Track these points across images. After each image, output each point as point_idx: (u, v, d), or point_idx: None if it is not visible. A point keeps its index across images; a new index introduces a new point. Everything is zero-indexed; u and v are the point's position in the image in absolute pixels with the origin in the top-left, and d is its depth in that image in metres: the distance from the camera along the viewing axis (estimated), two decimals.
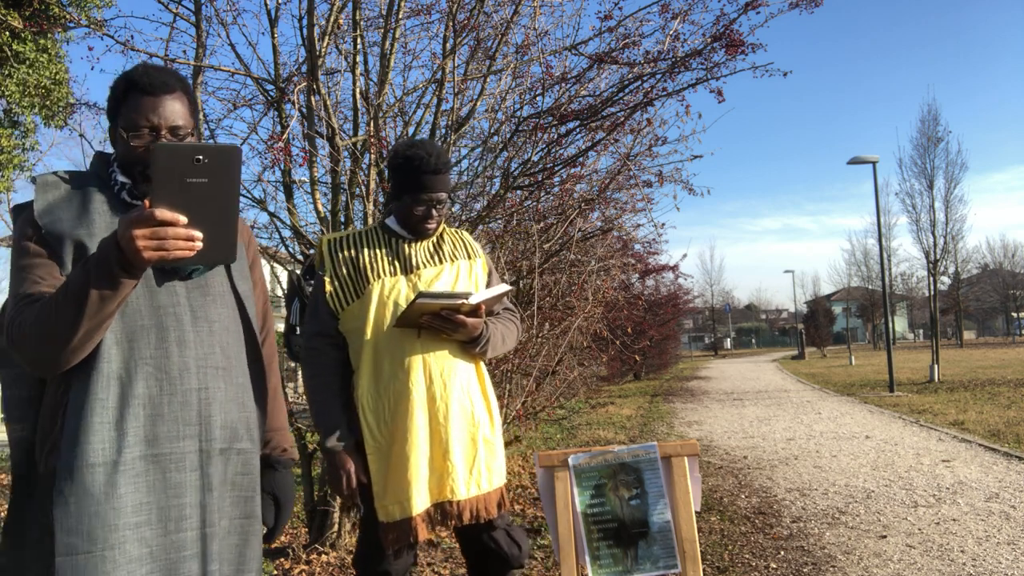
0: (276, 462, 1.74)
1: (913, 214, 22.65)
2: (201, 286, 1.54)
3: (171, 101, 1.51)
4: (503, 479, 2.32)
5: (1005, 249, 60.53)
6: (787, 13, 4.45)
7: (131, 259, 1.24)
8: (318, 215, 4.32)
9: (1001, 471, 6.25)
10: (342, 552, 4.06)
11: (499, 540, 2.32)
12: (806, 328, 43.00)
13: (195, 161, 1.23)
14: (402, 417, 2.17)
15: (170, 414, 1.43)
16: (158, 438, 1.42)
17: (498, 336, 2.36)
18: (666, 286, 18.62)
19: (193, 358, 1.47)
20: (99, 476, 1.36)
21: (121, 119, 1.51)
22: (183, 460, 1.44)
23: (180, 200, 1.23)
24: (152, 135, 1.49)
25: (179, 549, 1.42)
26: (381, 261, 2.30)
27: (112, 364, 1.40)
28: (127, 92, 1.51)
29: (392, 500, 2.16)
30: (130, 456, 1.39)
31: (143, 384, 1.42)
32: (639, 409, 13.17)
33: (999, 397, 12.43)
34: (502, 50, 4.78)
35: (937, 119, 23.49)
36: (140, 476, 1.40)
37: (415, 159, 2.24)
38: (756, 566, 4.02)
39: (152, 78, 1.50)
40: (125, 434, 1.39)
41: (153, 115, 1.49)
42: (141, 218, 1.22)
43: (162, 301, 1.47)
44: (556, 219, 5.48)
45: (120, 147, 1.53)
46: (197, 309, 1.51)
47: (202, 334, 1.50)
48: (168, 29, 4.43)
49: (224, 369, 1.53)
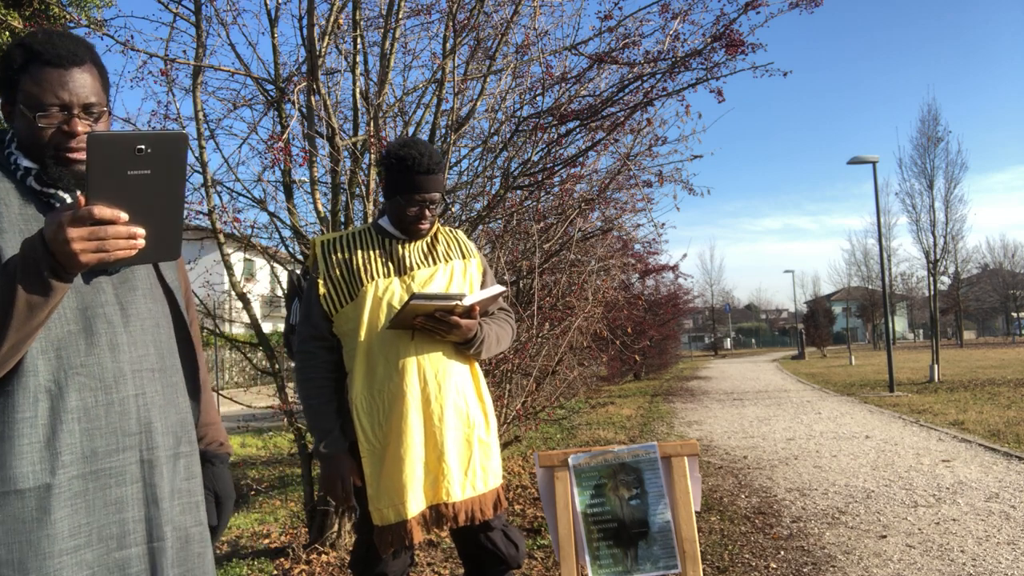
0: (214, 457, 1.64)
1: (913, 214, 22.66)
2: (127, 280, 1.40)
3: (81, 74, 1.33)
4: (499, 480, 2.31)
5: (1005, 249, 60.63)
6: (787, 13, 4.46)
7: (64, 262, 1.11)
8: (318, 215, 4.32)
9: (1001, 471, 6.25)
10: (342, 552, 4.06)
11: (496, 541, 2.32)
12: (806, 328, 42.98)
13: (136, 151, 1.11)
14: (396, 419, 2.16)
15: (107, 426, 1.30)
16: (96, 453, 1.29)
17: (492, 337, 2.35)
18: (666, 286, 18.63)
19: (128, 362, 1.34)
20: (30, 502, 1.23)
21: (21, 94, 1.31)
22: (123, 473, 1.32)
23: (120, 195, 1.12)
24: (63, 113, 1.32)
25: (123, 568, 1.31)
26: (375, 263, 2.28)
27: (39, 377, 1.25)
28: (28, 63, 1.31)
29: (386, 503, 2.15)
30: (65, 477, 1.25)
31: (76, 396, 1.27)
32: (639, 409, 13.17)
33: (999, 397, 12.43)
34: (502, 50, 4.78)
35: (937, 119, 23.52)
36: (78, 496, 1.27)
37: (408, 159, 2.22)
38: (756, 566, 4.02)
39: (58, 47, 1.31)
40: (59, 454, 1.25)
41: (62, 91, 1.31)
42: (76, 217, 1.09)
43: (89, 302, 1.32)
44: (556, 219, 5.48)
45: (21, 127, 1.33)
46: (127, 307, 1.38)
47: (135, 334, 1.37)
48: (168, 29, 4.43)
49: (160, 371, 1.41)
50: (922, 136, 23.37)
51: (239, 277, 4.45)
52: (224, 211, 4.33)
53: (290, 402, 4.29)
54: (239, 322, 5.37)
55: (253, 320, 4.44)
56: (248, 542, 4.71)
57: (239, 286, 4.36)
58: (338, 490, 2.18)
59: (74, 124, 1.33)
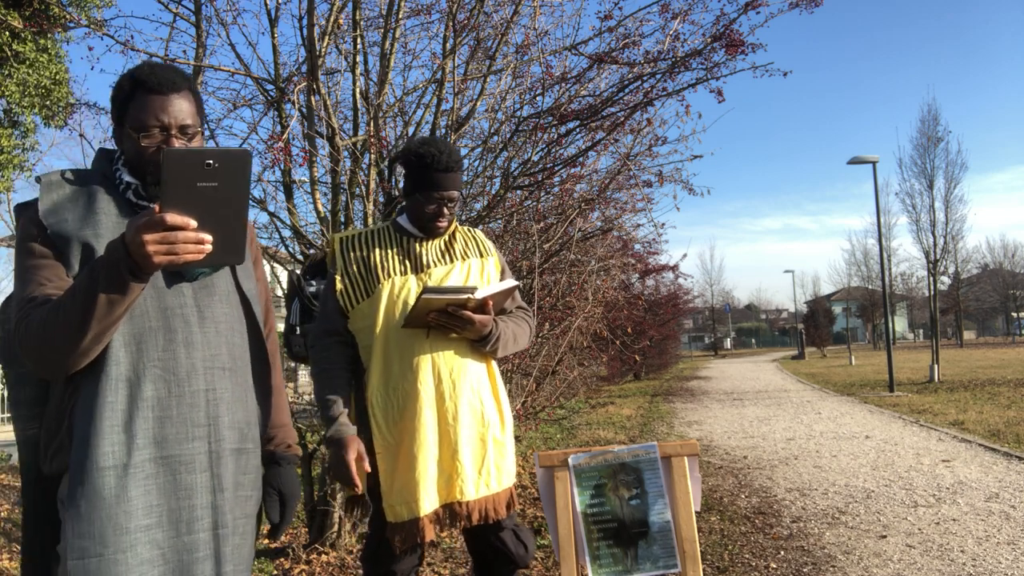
0: (281, 458, 1.73)
1: (913, 214, 22.65)
2: (207, 286, 1.54)
3: (179, 100, 1.50)
4: (512, 479, 2.30)
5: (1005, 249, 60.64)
6: (787, 13, 4.46)
7: (140, 263, 1.24)
8: (318, 215, 4.32)
9: (1001, 471, 6.25)
10: (342, 552, 4.06)
11: (506, 540, 2.32)
12: (806, 328, 42.98)
13: (205, 166, 1.23)
14: (411, 417, 2.16)
15: (179, 416, 1.43)
16: (167, 440, 1.42)
17: (509, 334, 2.34)
18: (666, 286, 18.63)
19: (200, 359, 1.47)
20: (110, 479, 1.35)
21: (128, 119, 1.49)
22: (193, 462, 1.44)
23: (190, 204, 1.24)
24: (163, 134, 1.48)
25: (192, 551, 1.42)
26: (392, 260, 2.29)
27: (120, 367, 1.39)
28: (134, 91, 1.49)
29: (399, 500, 2.16)
30: (140, 459, 1.38)
31: (151, 386, 1.41)
32: (639, 409, 13.17)
33: (999, 397, 12.43)
34: (502, 50, 4.78)
35: (937, 119, 23.50)
36: (150, 479, 1.39)
37: (427, 156, 2.24)
38: (756, 566, 4.02)
39: (159, 77, 1.49)
40: (134, 437, 1.38)
41: (163, 114, 1.47)
42: (151, 222, 1.22)
43: (169, 303, 1.47)
44: (556, 219, 5.48)
45: (128, 147, 1.51)
46: (204, 309, 1.51)
47: (209, 335, 1.50)
48: (168, 29, 4.44)
49: (230, 369, 1.53)
50: (922, 136, 23.39)
51: None
52: None
53: (290, 402, 4.29)
54: None
55: None
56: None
57: None
58: (342, 472, 2.15)
59: (171, 143, 1.48)
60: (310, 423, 4.31)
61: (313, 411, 4.38)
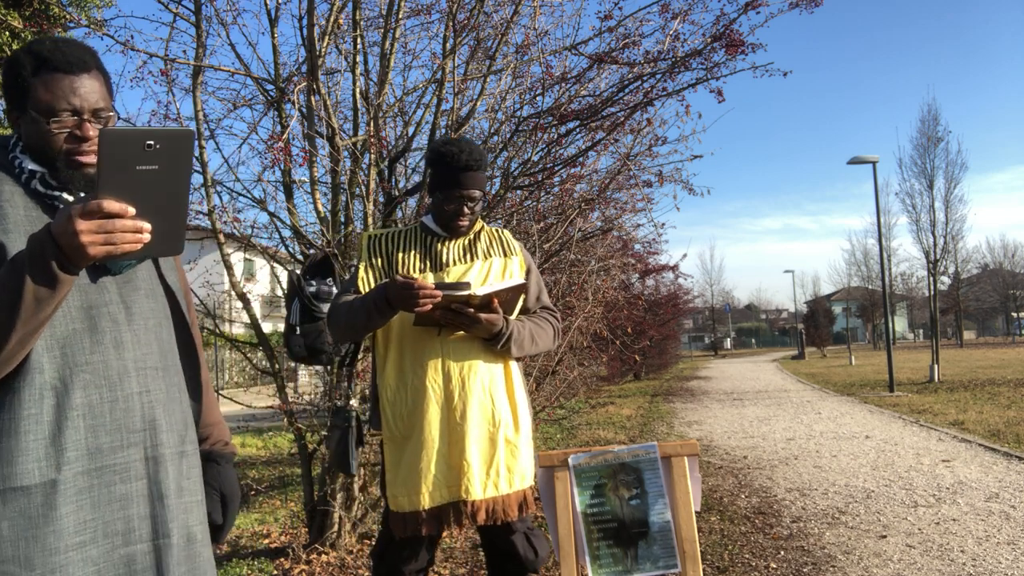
0: (219, 456, 1.64)
1: (913, 214, 22.66)
2: (130, 280, 1.43)
3: (90, 80, 1.37)
4: (528, 482, 2.29)
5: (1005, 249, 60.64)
6: (787, 13, 4.46)
7: (71, 255, 1.14)
8: (318, 215, 4.32)
9: (1001, 471, 6.25)
10: (342, 552, 4.06)
11: (516, 543, 2.32)
12: (806, 328, 42.97)
13: (145, 147, 1.14)
14: (419, 413, 2.19)
15: (113, 422, 1.32)
16: (101, 450, 1.31)
17: (525, 334, 2.33)
18: (666, 286, 18.62)
19: (132, 360, 1.37)
20: (36, 498, 1.24)
21: (32, 101, 1.35)
22: (128, 470, 1.34)
23: (128, 189, 1.14)
24: (74, 119, 1.36)
25: (129, 564, 1.33)
26: (413, 259, 2.33)
27: (44, 374, 1.27)
28: (37, 70, 1.34)
29: (402, 491, 2.18)
30: (70, 473, 1.27)
31: (81, 393, 1.29)
32: (639, 409, 13.17)
33: (999, 397, 12.43)
34: (502, 50, 4.77)
35: (937, 119, 23.52)
36: (83, 492, 1.29)
37: (448, 156, 2.26)
38: (756, 566, 4.02)
39: (67, 55, 1.35)
40: (64, 450, 1.27)
41: (73, 96, 1.35)
42: (86, 210, 1.12)
43: (94, 300, 1.35)
44: (556, 219, 5.48)
45: (30, 132, 1.37)
46: (131, 306, 1.40)
47: (138, 333, 1.40)
48: (168, 29, 4.43)
49: (163, 368, 1.44)
50: (922, 136, 23.41)
51: (239, 277, 4.45)
52: (224, 211, 4.33)
53: (290, 402, 4.29)
54: (239, 322, 5.36)
55: (253, 320, 4.44)
56: (248, 542, 4.71)
57: (239, 286, 4.36)
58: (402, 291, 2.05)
59: (86, 128, 1.36)
60: (310, 423, 4.31)
61: (313, 411, 4.38)
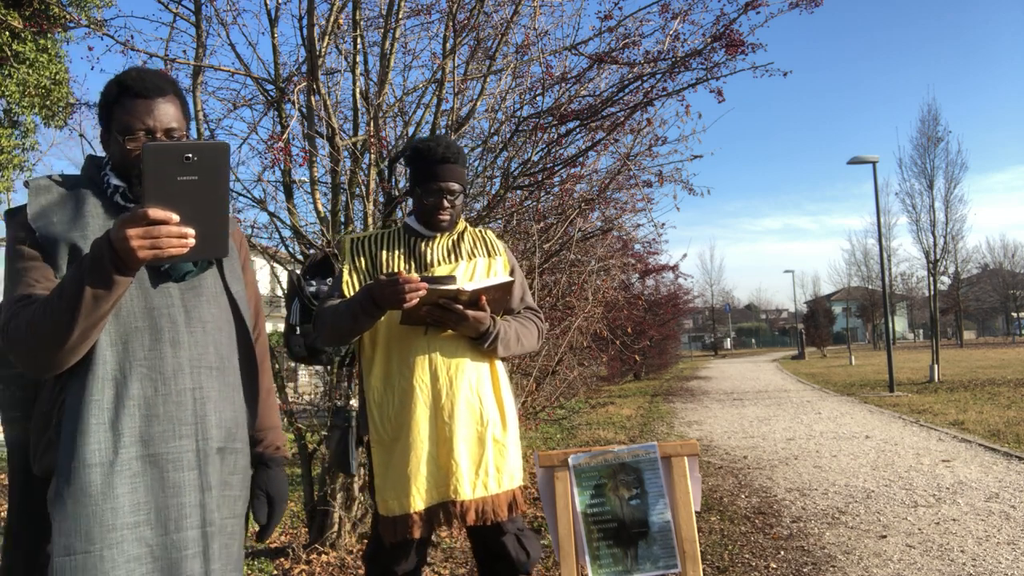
0: (270, 460, 1.74)
1: (913, 214, 22.64)
2: (195, 287, 1.55)
3: (164, 104, 1.52)
4: (517, 482, 2.28)
5: (1005, 249, 60.65)
6: (787, 13, 4.45)
7: (124, 258, 1.25)
8: (318, 215, 4.32)
9: (1001, 471, 6.25)
10: (342, 552, 4.06)
11: (507, 544, 2.30)
12: (806, 328, 42.96)
13: (185, 159, 1.24)
14: (407, 414, 2.18)
15: (165, 414, 1.44)
16: (153, 438, 1.43)
17: (512, 333, 2.33)
18: (666, 286, 18.61)
19: (187, 358, 1.49)
20: (96, 476, 1.36)
21: (115, 123, 1.52)
22: (180, 460, 1.45)
23: (171, 198, 1.25)
24: (148, 138, 1.50)
25: (181, 548, 1.43)
26: (397, 259, 2.33)
27: (107, 366, 1.41)
28: (120, 96, 1.51)
29: (391, 495, 2.17)
30: (126, 456, 1.39)
31: (138, 385, 1.42)
32: (639, 409, 13.17)
33: (999, 397, 12.43)
34: (502, 50, 4.77)
35: (937, 119, 23.49)
36: (137, 476, 1.40)
37: (424, 150, 2.29)
38: (756, 566, 4.02)
39: (146, 82, 1.51)
40: (121, 435, 1.39)
41: (148, 118, 1.50)
42: (134, 217, 1.23)
43: (156, 303, 1.48)
44: (556, 219, 5.47)
45: (114, 150, 1.53)
46: (191, 310, 1.52)
47: (196, 334, 1.51)
48: (168, 29, 4.43)
49: (218, 369, 1.54)
50: (922, 136, 23.38)
51: None
52: None
53: (290, 402, 4.29)
54: None
55: None
56: (248, 542, 4.71)
57: None
58: (387, 287, 2.05)
59: None
60: (310, 423, 4.31)
61: (313, 411, 4.38)
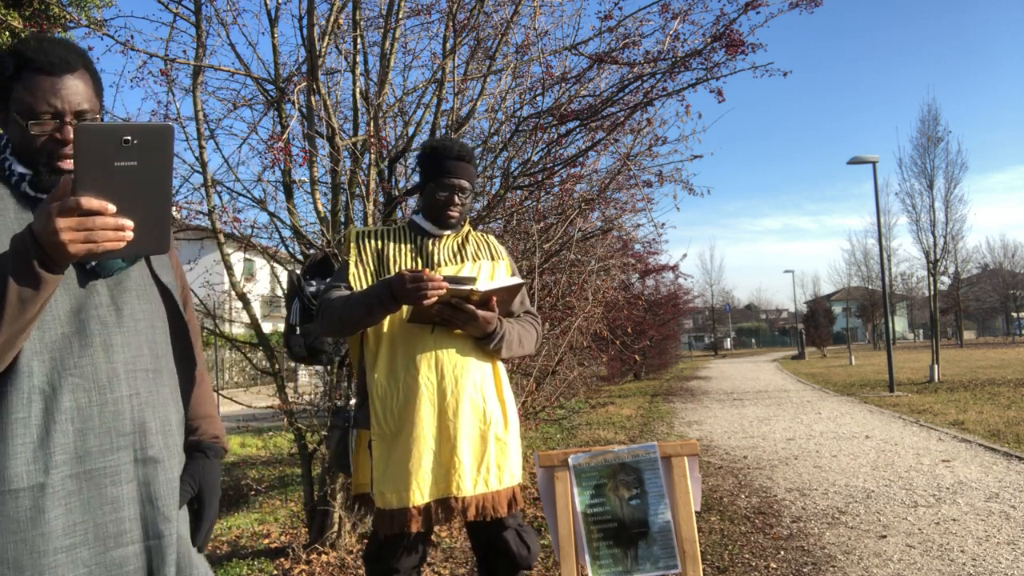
0: (207, 448, 1.59)
1: (913, 214, 22.65)
2: (121, 281, 1.40)
3: (74, 81, 1.33)
4: (517, 479, 2.31)
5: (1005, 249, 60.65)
6: (787, 13, 4.45)
7: (53, 253, 1.12)
8: (318, 215, 4.32)
9: (1001, 471, 6.25)
10: (342, 552, 4.06)
11: (508, 540, 2.33)
12: (806, 328, 42.95)
13: (123, 142, 1.11)
14: (411, 410, 2.19)
15: (101, 425, 1.31)
16: (90, 453, 1.30)
17: (514, 335, 2.36)
18: (666, 286, 18.63)
19: (121, 362, 1.35)
20: (24, 501, 1.24)
21: (14, 103, 1.32)
22: (118, 473, 1.33)
23: (107, 186, 1.12)
24: (55, 121, 1.32)
25: (120, 565, 1.33)
26: (404, 256, 2.35)
27: (33, 378, 1.26)
28: (20, 70, 1.31)
29: (390, 488, 2.18)
30: (59, 476, 1.27)
31: (70, 396, 1.28)
32: (639, 409, 13.17)
33: (999, 397, 12.43)
34: (502, 50, 4.77)
35: (937, 119, 23.52)
36: (73, 495, 1.29)
37: (440, 147, 2.34)
38: (756, 566, 4.02)
39: (50, 55, 1.32)
40: (52, 453, 1.26)
41: (54, 98, 1.31)
42: (64, 207, 1.09)
43: (83, 303, 1.33)
44: (556, 219, 5.47)
45: (15, 134, 1.34)
46: (122, 307, 1.38)
47: (128, 335, 1.38)
48: (168, 29, 4.43)
49: (154, 371, 1.42)
50: (922, 136, 23.40)
51: (239, 277, 4.46)
52: (224, 211, 4.33)
53: (290, 402, 4.29)
54: (239, 322, 5.36)
55: (253, 320, 4.44)
56: (248, 542, 4.71)
57: (239, 286, 4.36)
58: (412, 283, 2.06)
59: (66, 131, 1.32)
60: (310, 423, 4.31)
61: (313, 411, 4.38)
